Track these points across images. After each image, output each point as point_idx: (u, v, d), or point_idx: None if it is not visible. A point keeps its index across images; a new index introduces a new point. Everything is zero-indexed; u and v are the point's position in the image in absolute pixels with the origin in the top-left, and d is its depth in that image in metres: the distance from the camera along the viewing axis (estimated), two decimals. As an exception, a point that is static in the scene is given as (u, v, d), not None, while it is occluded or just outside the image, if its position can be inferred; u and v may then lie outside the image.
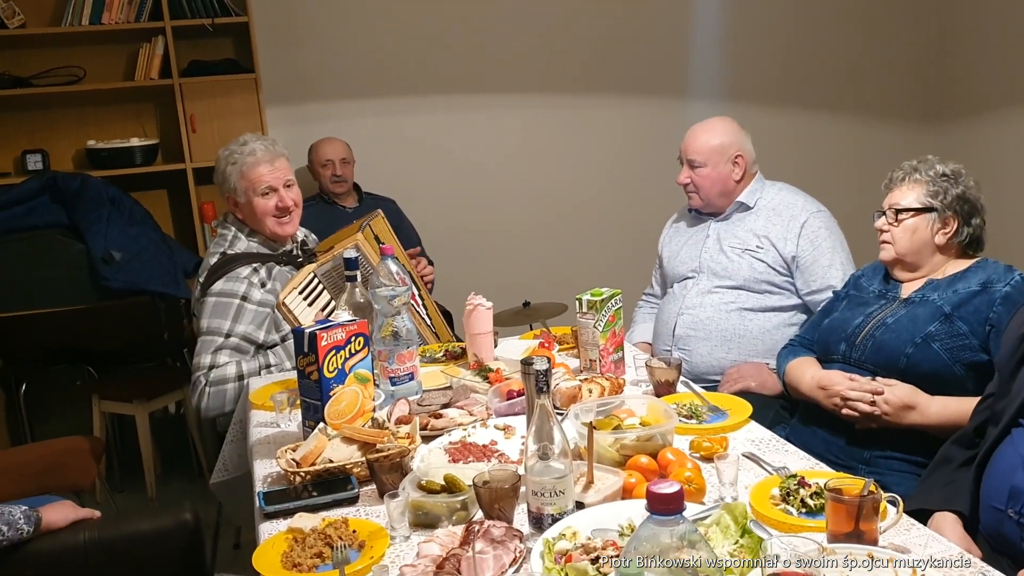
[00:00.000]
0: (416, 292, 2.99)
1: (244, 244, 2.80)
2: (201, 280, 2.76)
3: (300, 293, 2.62)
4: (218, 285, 2.69)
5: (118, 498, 3.82)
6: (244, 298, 2.67)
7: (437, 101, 4.82)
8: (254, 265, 2.75)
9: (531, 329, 3.45)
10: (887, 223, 2.35)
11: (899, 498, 1.55)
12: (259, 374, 2.63)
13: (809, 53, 5.19)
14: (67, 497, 2.39)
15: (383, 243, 2.93)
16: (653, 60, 5.02)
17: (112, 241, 3.81)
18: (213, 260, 2.77)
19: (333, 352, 2.01)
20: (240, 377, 2.61)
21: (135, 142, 4.27)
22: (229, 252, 2.78)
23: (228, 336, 2.64)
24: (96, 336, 4.17)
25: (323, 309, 2.69)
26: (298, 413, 2.12)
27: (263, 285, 2.73)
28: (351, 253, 2.33)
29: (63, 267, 3.82)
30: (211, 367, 2.62)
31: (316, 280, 2.69)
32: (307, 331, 2.00)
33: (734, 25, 5.10)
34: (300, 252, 2.90)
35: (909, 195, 2.32)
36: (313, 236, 3.10)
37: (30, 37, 4.14)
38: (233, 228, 2.83)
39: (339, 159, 4.38)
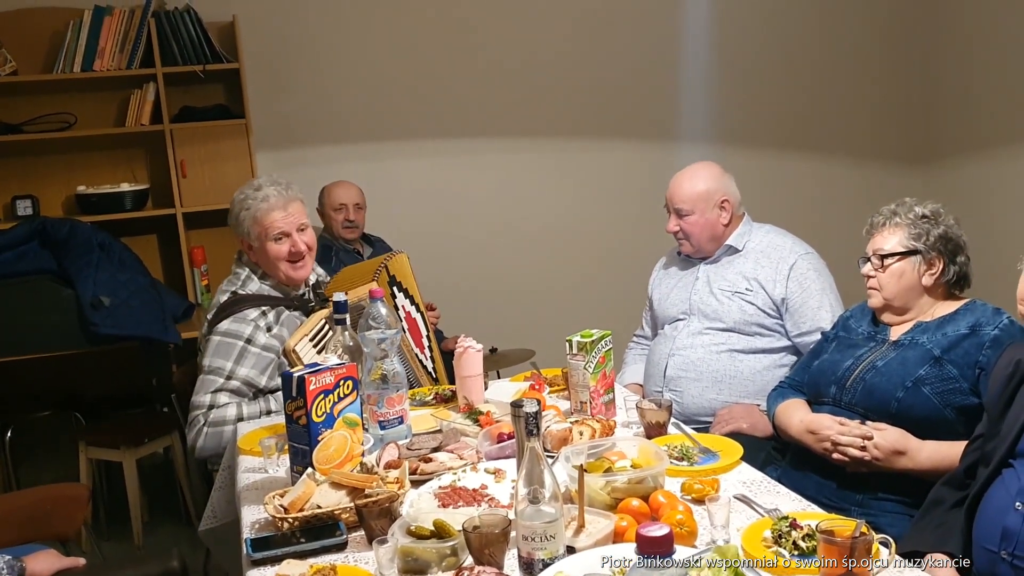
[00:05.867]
0: (424, 336, 2.97)
1: (256, 286, 2.80)
2: (209, 317, 2.75)
3: (310, 340, 2.58)
4: (224, 324, 2.69)
5: (104, 546, 3.75)
6: (249, 341, 2.67)
7: (425, 146, 4.86)
8: (263, 308, 2.74)
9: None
10: (873, 269, 2.36)
11: (891, 539, 1.55)
12: (259, 418, 2.61)
13: (795, 97, 5.25)
14: (52, 545, 2.36)
15: (400, 282, 2.90)
16: (641, 104, 5.08)
17: (101, 286, 3.80)
18: (224, 298, 2.76)
19: (321, 396, 1.99)
20: (240, 419, 2.60)
21: (125, 187, 4.28)
22: (240, 292, 2.77)
23: (229, 378, 2.63)
24: (84, 382, 4.14)
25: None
26: (286, 458, 2.11)
27: (269, 329, 2.72)
28: (339, 296, 2.32)
29: (52, 312, 3.80)
30: (211, 407, 2.60)
31: (327, 327, 2.64)
32: (295, 375, 1.99)
33: (721, 69, 5.17)
34: (312, 296, 2.89)
35: (891, 239, 2.33)
36: (327, 277, 3.06)
37: (22, 84, 4.16)
38: (247, 269, 2.83)
39: (353, 204, 4.30)
